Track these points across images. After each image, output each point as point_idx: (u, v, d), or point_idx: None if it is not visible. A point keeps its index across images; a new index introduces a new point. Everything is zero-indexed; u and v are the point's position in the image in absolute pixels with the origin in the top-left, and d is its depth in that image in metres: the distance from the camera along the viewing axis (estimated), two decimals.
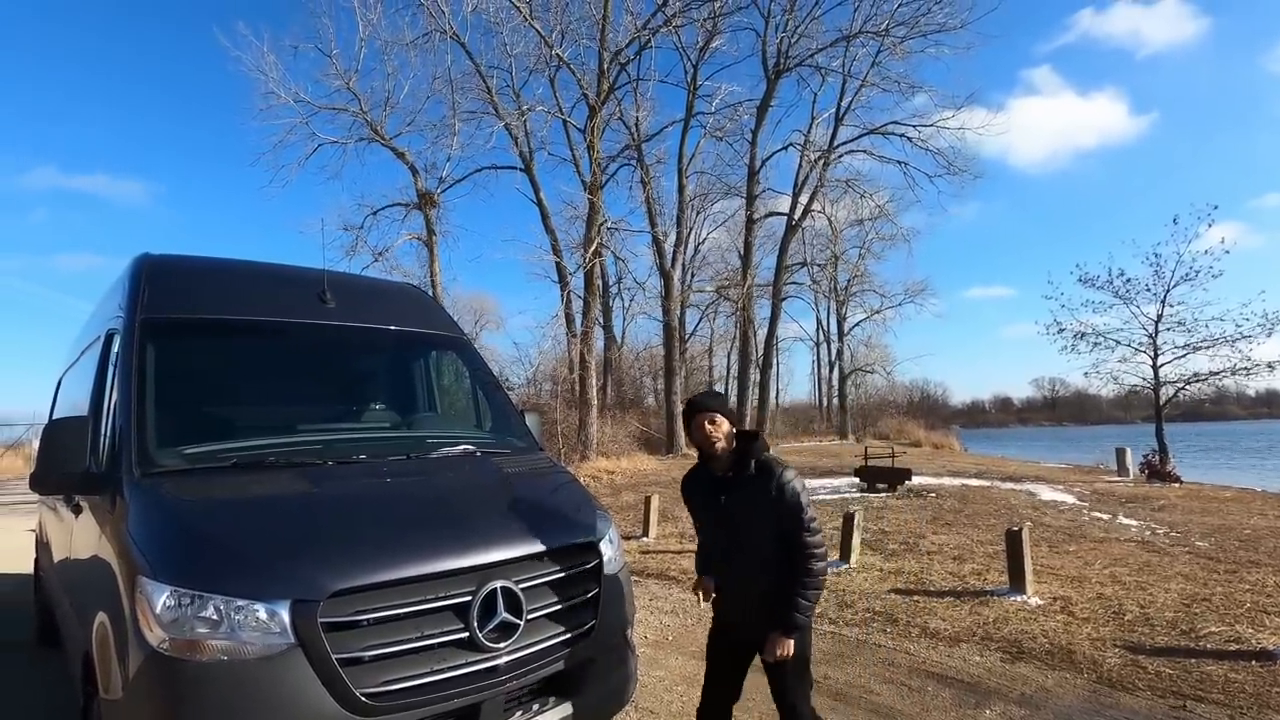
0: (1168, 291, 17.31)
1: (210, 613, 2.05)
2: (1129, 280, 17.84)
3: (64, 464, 2.60)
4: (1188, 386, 18.41)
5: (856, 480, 14.18)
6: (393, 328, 3.74)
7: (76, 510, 3.17)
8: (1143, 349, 18.23)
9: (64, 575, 3.58)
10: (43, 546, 4.89)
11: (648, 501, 9.79)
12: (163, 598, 2.06)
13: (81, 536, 3.01)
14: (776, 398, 40.45)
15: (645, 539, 9.23)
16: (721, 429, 2.60)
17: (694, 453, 2.77)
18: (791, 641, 2.49)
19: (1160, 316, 17.59)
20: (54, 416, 4.71)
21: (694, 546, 2.95)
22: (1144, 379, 18.69)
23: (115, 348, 3.08)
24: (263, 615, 2.07)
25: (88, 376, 3.58)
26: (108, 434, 2.83)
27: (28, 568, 5.84)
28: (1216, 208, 16.83)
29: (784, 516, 2.49)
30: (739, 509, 2.56)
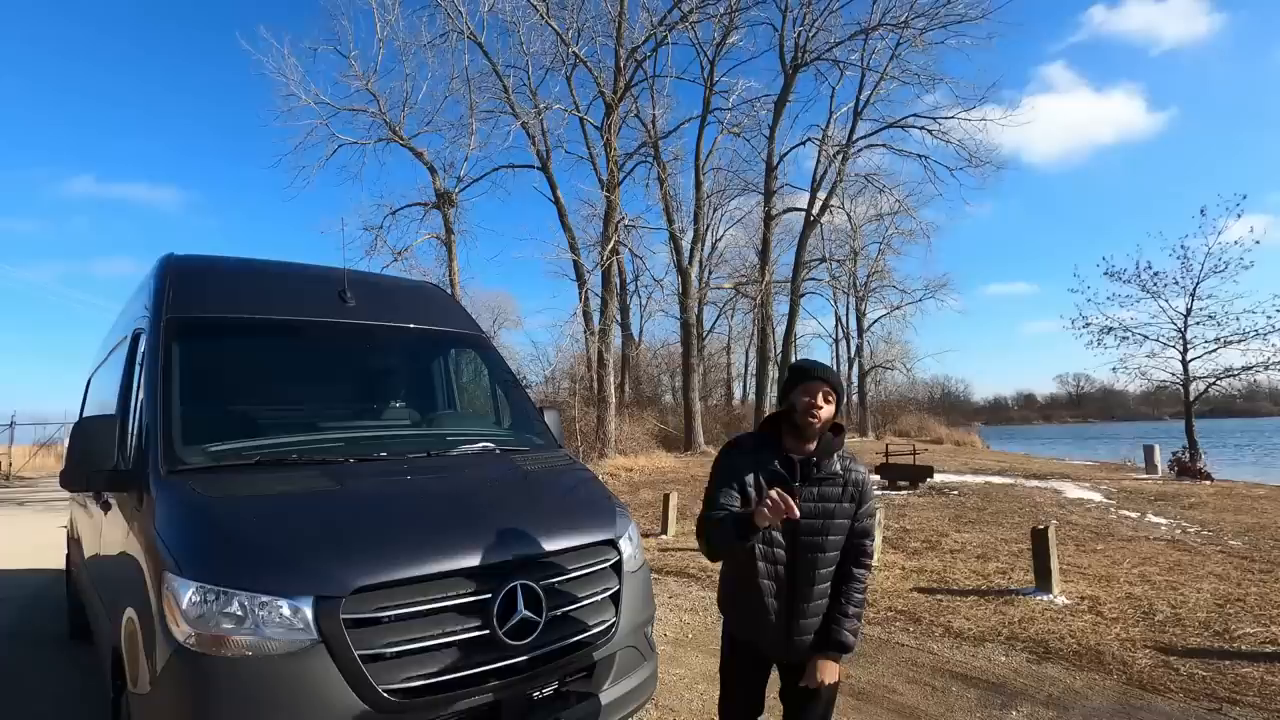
0: (1197, 284, 16.95)
1: (235, 609, 2.07)
2: (1156, 273, 17.50)
3: (92, 461, 2.64)
4: (1219, 382, 18.00)
5: (877, 478, 14.06)
6: (412, 326, 3.76)
7: (105, 507, 3.22)
8: (1171, 343, 17.85)
9: (94, 571, 3.65)
10: (74, 543, 4.99)
11: (666, 499, 9.77)
12: (189, 594, 2.09)
13: (110, 533, 3.07)
14: None
15: (664, 536, 9.21)
16: (829, 410, 2.23)
17: (712, 451, 2.58)
18: (838, 667, 2.24)
19: (1189, 310, 17.21)
20: (83, 415, 4.81)
21: None
22: (1173, 374, 18.31)
23: (142, 347, 3.13)
24: (286, 611, 2.08)
25: (115, 375, 3.64)
26: (135, 432, 2.87)
27: (61, 563, 5.97)
28: (1245, 197, 16.43)
29: (859, 521, 2.26)
30: (816, 506, 2.21)
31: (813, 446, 2.25)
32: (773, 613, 2.22)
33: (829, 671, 2.22)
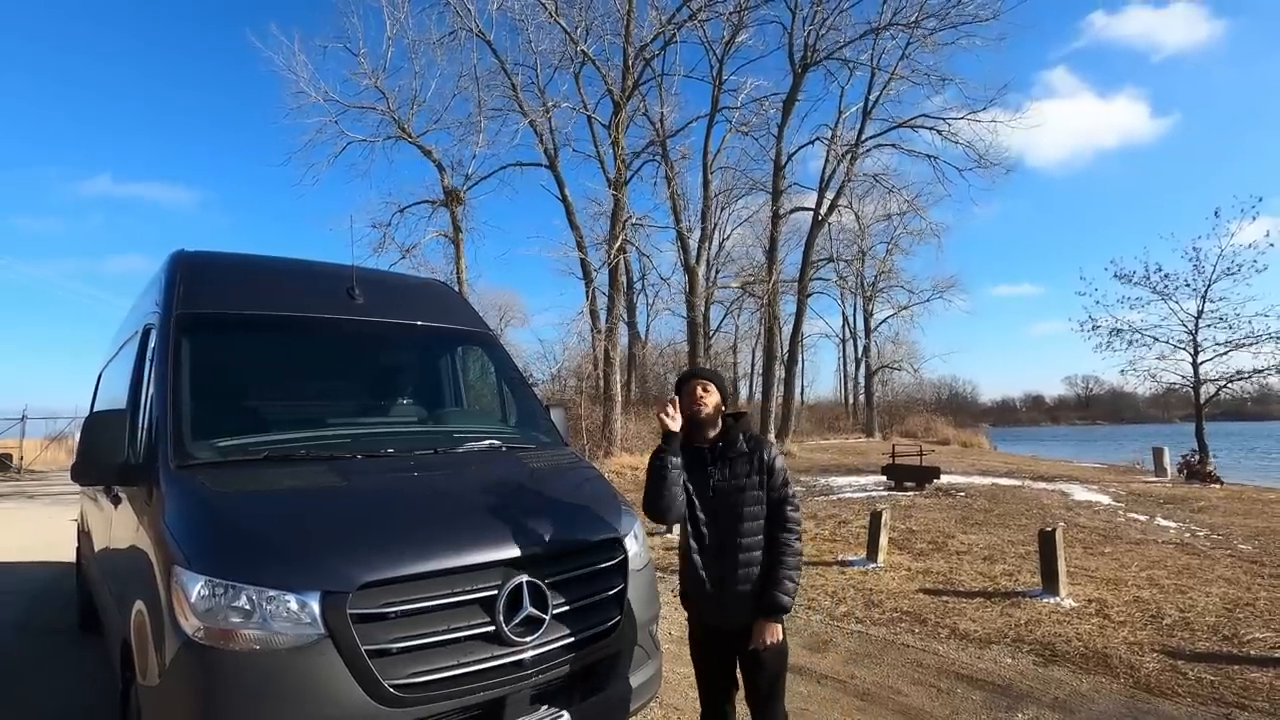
0: (1208, 287, 16.81)
1: (243, 603, 2.09)
2: (1167, 276, 17.37)
3: (103, 456, 2.67)
4: (1229, 384, 17.86)
5: (884, 478, 14.03)
6: (420, 323, 3.77)
7: (115, 501, 3.25)
8: (1182, 346, 17.73)
9: (104, 564, 3.68)
10: (84, 536, 5.03)
11: None
12: (197, 587, 2.10)
13: (120, 526, 3.09)
14: (802, 395, 39.98)
15: (669, 535, 9.20)
16: (711, 397, 2.60)
17: None
18: (780, 626, 2.48)
19: (1201, 312, 17.08)
20: (94, 410, 4.85)
21: None
22: (1183, 377, 18.19)
23: (152, 342, 3.16)
24: (294, 606, 2.10)
25: (126, 371, 3.66)
26: (145, 427, 2.89)
27: (71, 556, 6.02)
28: (1261, 199, 16.29)
29: (772, 490, 2.54)
30: (728, 484, 2.53)
31: (714, 434, 2.61)
32: (706, 582, 2.52)
33: (769, 632, 2.45)
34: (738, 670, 2.65)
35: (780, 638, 2.48)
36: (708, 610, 2.58)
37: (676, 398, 2.57)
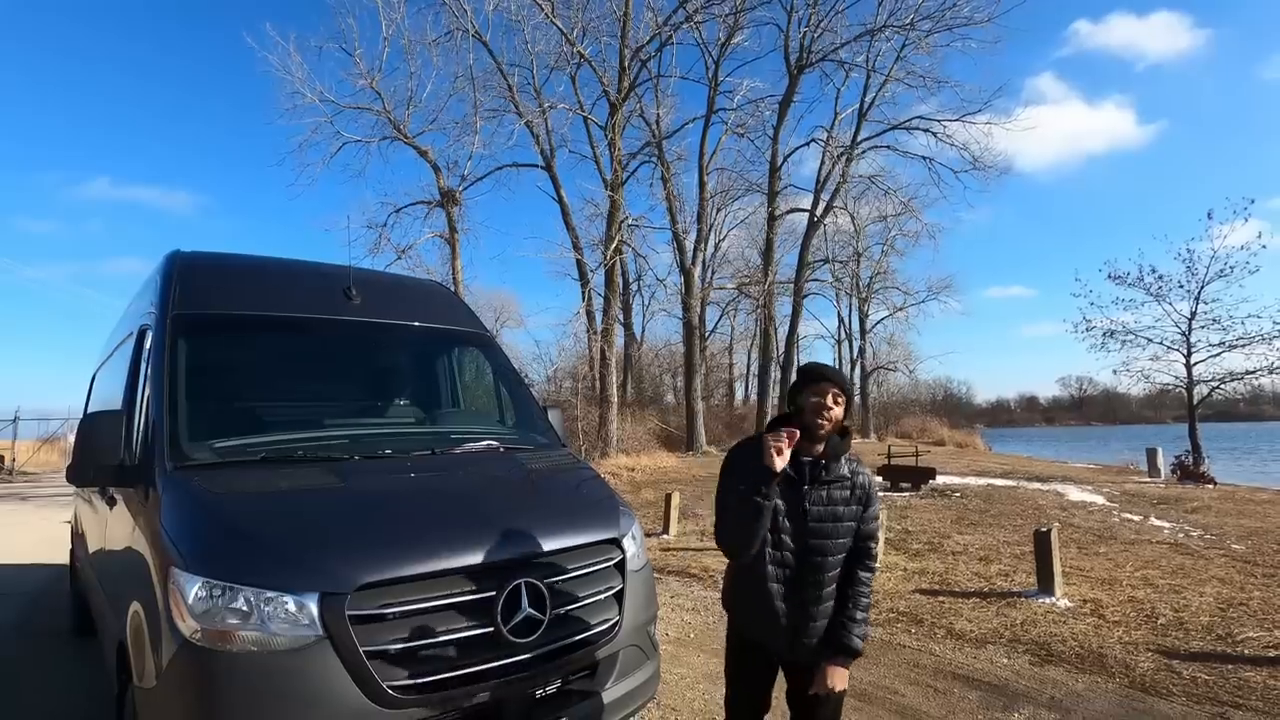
0: (1202, 288, 16.88)
1: (241, 604, 2.08)
2: (1161, 277, 17.44)
3: (99, 457, 2.66)
4: (1222, 385, 17.95)
5: (880, 479, 14.05)
6: (417, 324, 3.77)
7: (111, 502, 3.23)
8: (1175, 347, 17.80)
9: (99, 566, 3.66)
10: (78, 538, 5.00)
11: (668, 499, 9.77)
12: (195, 589, 2.10)
13: (115, 528, 3.08)
14: None
15: (665, 536, 9.21)
16: (838, 412, 2.23)
17: (714, 451, 2.57)
18: (847, 672, 2.24)
19: (1194, 313, 17.15)
20: (89, 411, 4.82)
21: (714, 545, 2.59)
22: (1176, 377, 18.26)
23: (148, 343, 3.14)
24: (292, 607, 2.09)
25: (121, 372, 3.65)
26: (141, 428, 2.88)
27: (64, 558, 5.99)
28: (1253, 201, 16.37)
29: (864, 522, 2.27)
30: (824, 509, 2.22)
31: (820, 449, 2.24)
32: (781, 615, 2.22)
33: (839, 678, 2.21)
34: (772, 693, 2.43)
35: (845, 684, 2.25)
36: (775, 643, 2.29)
37: (795, 431, 2.09)
